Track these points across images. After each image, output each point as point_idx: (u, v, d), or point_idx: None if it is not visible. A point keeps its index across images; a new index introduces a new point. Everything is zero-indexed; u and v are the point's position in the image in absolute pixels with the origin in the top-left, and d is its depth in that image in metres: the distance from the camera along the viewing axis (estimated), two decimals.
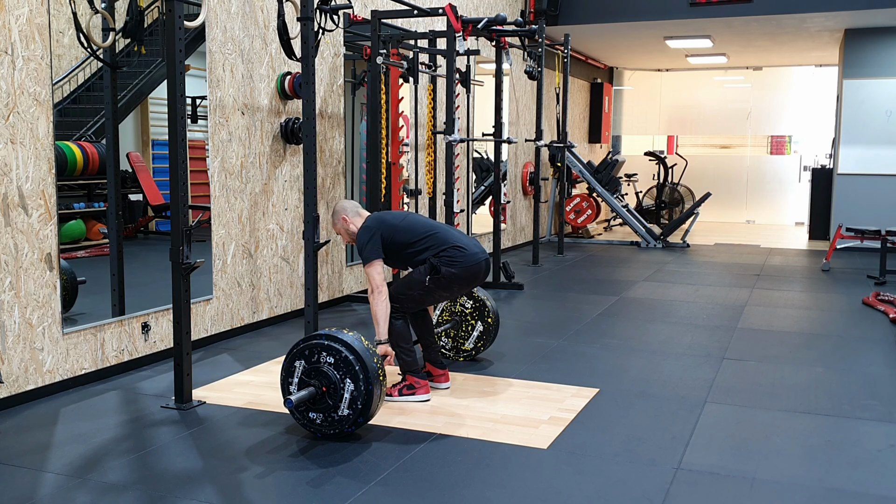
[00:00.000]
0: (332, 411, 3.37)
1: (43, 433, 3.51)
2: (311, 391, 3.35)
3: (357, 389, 3.32)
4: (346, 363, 3.33)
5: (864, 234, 8.15)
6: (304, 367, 3.40)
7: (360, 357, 3.34)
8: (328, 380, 3.35)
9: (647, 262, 9.14)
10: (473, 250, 4.02)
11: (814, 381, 4.39)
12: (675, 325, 5.84)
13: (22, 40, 3.78)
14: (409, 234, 4.00)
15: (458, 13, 5.97)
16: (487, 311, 4.63)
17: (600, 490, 2.97)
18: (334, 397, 3.35)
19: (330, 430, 3.40)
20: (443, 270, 3.93)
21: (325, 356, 3.37)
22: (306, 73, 4.44)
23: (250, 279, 5.41)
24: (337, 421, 3.37)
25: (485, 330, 4.65)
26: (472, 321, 4.65)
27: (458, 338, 4.69)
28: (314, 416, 3.40)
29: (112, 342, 4.36)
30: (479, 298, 4.64)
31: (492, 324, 4.65)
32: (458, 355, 4.71)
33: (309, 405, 3.40)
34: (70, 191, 4.66)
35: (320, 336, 3.41)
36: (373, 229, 3.97)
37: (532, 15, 9.92)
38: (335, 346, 3.36)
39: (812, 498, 2.91)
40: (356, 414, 3.34)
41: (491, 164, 10.08)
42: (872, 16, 9.37)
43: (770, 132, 14.66)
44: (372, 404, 3.35)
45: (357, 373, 3.32)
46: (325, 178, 6.15)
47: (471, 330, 4.66)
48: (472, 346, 4.68)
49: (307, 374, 3.39)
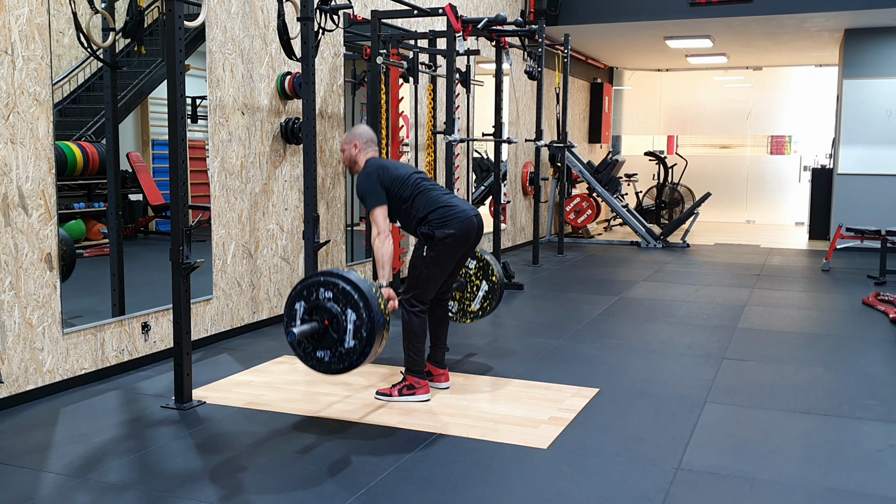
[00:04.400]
0: (338, 345, 3.33)
1: (43, 433, 3.51)
2: (313, 325, 3.32)
3: (360, 318, 3.28)
4: (345, 294, 3.30)
5: (864, 234, 8.15)
6: (304, 307, 3.37)
7: (357, 286, 3.31)
8: (329, 313, 3.32)
9: (647, 262, 9.14)
10: (463, 208, 3.99)
11: (814, 381, 4.39)
12: (675, 325, 5.84)
13: (22, 40, 3.78)
14: (404, 189, 3.95)
15: (458, 13, 5.97)
16: (492, 271, 4.56)
17: (600, 490, 2.97)
18: (338, 330, 3.31)
19: (340, 366, 3.36)
20: (437, 234, 3.89)
21: (322, 292, 3.34)
22: (306, 73, 4.44)
23: (250, 279, 5.41)
24: (345, 354, 3.33)
25: (490, 289, 4.58)
26: (476, 281, 4.58)
27: (464, 299, 4.63)
28: (321, 354, 3.37)
29: (112, 342, 4.36)
30: (482, 258, 4.57)
31: (497, 283, 4.56)
32: (465, 317, 4.66)
33: (314, 344, 3.36)
34: (70, 191, 4.66)
35: (316, 275, 3.39)
36: (373, 176, 3.91)
37: (532, 15, 9.92)
38: (332, 280, 3.34)
39: (812, 498, 2.91)
40: (362, 343, 3.30)
41: (491, 164, 10.07)
42: (872, 16, 9.37)
43: (770, 132, 14.67)
44: (376, 331, 3.30)
45: (357, 301, 3.28)
46: (325, 178, 6.15)
47: (476, 290, 4.60)
48: (478, 307, 4.62)
49: (308, 313, 3.36)
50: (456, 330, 5.42)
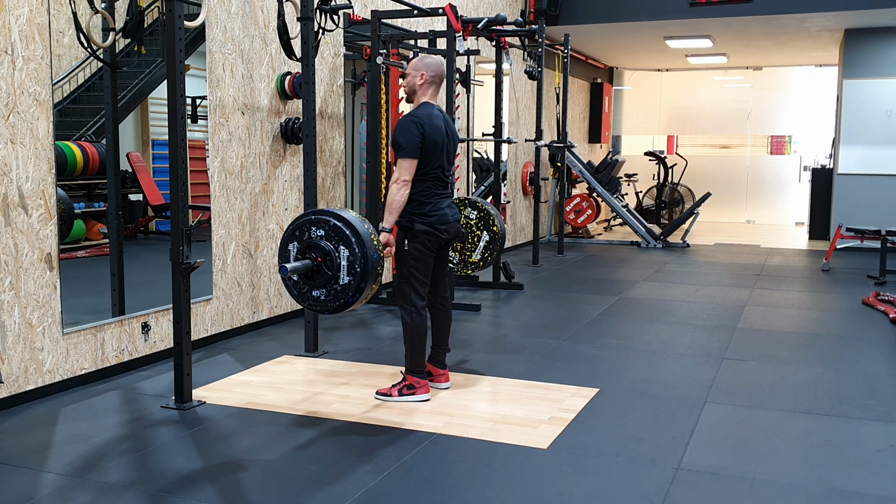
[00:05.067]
0: (332, 283, 3.33)
1: (43, 433, 3.51)
2: (306, 263, 3.32)
3: (353, 254, 3.28)
4: (337, 231, 3.30)
5: (864, 234, 8.15)
6: (296, 247, 3.37)
7: (348, 223, 3.31)
8: (322, 251, 3.32)
9: (647, 262, 9.14)
10: (445, 211, 3.96)
11: (814, 381, 4.39)
12: (675, 325, 5.84)
13: (22, 40, 3.78)
14: (427, 161, 3.86)
15: (458, 13, 5.97)
16: (492, 220, 4.52)
17: (600, 490, 2.97)
18: (331, 266, 3.31)
19: (335, 303, 3.36)
20: (415, 226, 3.88)
21: (314, 230, 3.34)
22: (306, 73, 4.44)
23: (250, 279, 5.41)
24: (340, 291, 3.33)
25: (491, 239, 4.55)
26: (477, 231, 4.55)
27: (465, 250, 4.59)
28: (317, 293, 3.37)
29: (112, 342, 4.36)
30: (482, 208, 4.51)
31: (497, 232, 4.53)
32: (466, 268, 4.62)
33: (310, 283, 3.36)
34: (70, 191, 4.66)
35: (307, 215, 3.39)
36: (419, 130, 3.79)
37: (532, 15, 9.92)
38: (323, 217, 3.33)
39: (812, 498, 2.91)
40: (357, 279, 3.30)
41: (491, 164, 10.07)
42: (872, 16, 9.38)
43: (770, 132, 14.67)
44: (370, 268, 3.29)
45: (349, 237, 3.28)
46: (325, 178, 6.16)
47: (477, 241, 4.57)
48: (479, 258, 4.59)
49: (301, 253, 3.36)
50: (456, 330, 5.42)
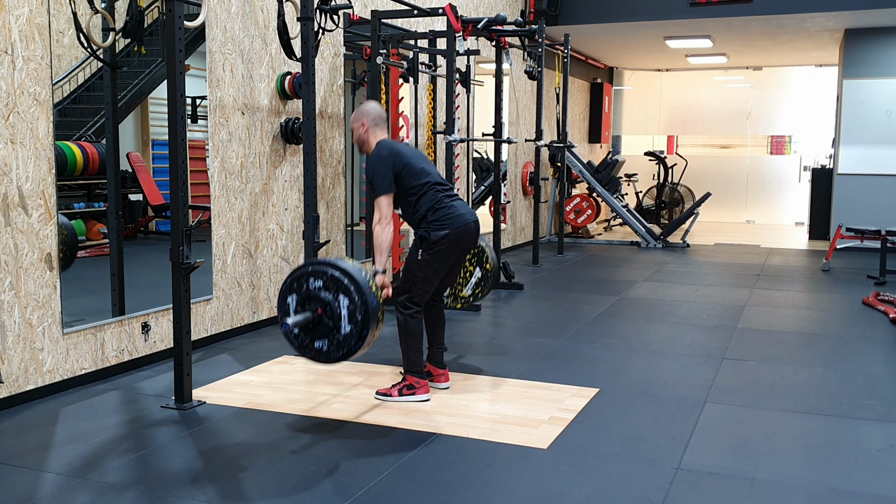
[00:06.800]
0: (334, 332, 3.32)
1: (43, 433, 3.51)
2: (307, 315, 3.31)
3: (352, 302, 3.27)
4: (335, 280, 3.30)
5: (864, 234, 8.14)
6: (295, 299, 3.36)
7: (346, 272, 3.30)
8: (321, 301, 3.31)
9: (647, 262, 9.14)
10: (461, 211, 3.97)
11: (814, 381, 4.39)
12: (675, 325, 5.84)
13: (22, 40, 3.78)
14: (413, 179, 3.90)
15: (458, 13, 5.97)
16: (486, 258, 4.57)
17: (600, 490, 2.97)
18: (332, 317, 3.30)
19: (338, 353, 3.34)
20: (432, 236, 3.88)
21: (312, 281, 3.33)
22: (306, 73, 4.44)
23: (250, 279, 5.41)
24: (343, 340, 3.32)
25: (483, 276, 4.59)
26: (470, 267, 4.59)
27: (457, 284, 4.64)
28: (320, 344, 3.35)
29: (112, 342, 4.36)
30: (477, 245, 4.57)
31: (490, 270, 4.57)
32: (456, 302, 4.66)
33: (311, 334, 3.35)
34: (70, 191, 4.66)
35: (304, 266, 3.39)
36: (388, 161, 3.85)
37: (532, 15, 9.91)
38: (320, 268, 3.33)
39: (812, 498, 2.91)
40: (359, 327, 3.29)
41: (491, 164, 10.07)
42: (872, 16, 9.37)
43: (770, 132, 14.67)
44: (371, 315, 3.28)
45: (347, 286, 3.28)
46: (325, 178, 6.16)
47: (469, 276, 4.61)
48: (469, 293, 4.62)
49: (301, 305, 3.35)
50: (456, 330, 5.43)
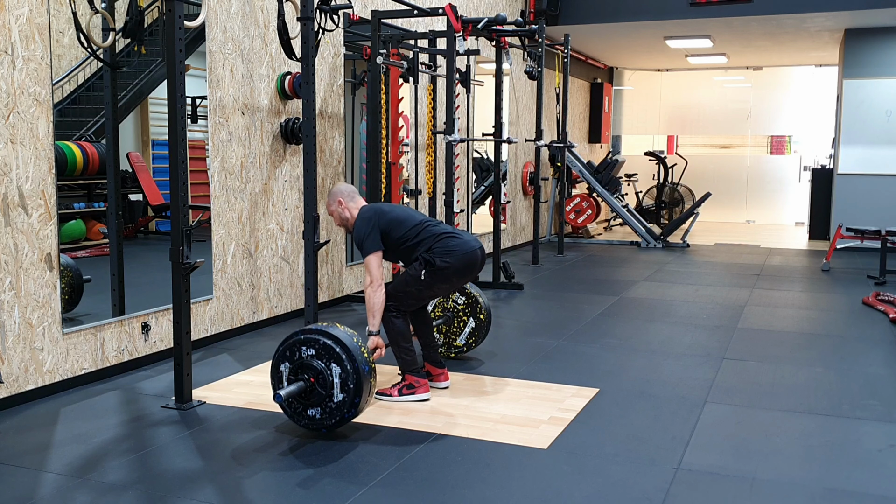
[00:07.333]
0: (327, 401, 3.37)
1: (43, 433, 3.51)
2: (300, 385, 3.36)
3: (344, 371, 3.33)
4: (327, 349, 3.35)
5: (864, 234, 8.14)
6: (288, 367, 3.42)
7: (338, 340, 3.36)
8: (313, 370, 3.36)
9: (647, 262, 9.14)
10: (466, 238, 4.03)
11: (814, 381, 4.39)
12: (675, 325, 5.84)
13: (22, 40, 3.78)
14: (403, 227, 3.98)
15: (458, 13, 5.97)
16: (480, 308, 4.63)
17: (600, 490, 2.97)
18: (325, 385, 3.35)
19: (331, 421, 3.39)
20: (437, 262, 3.91)
21: (304, 350, 3.39)
22: (306, 73, 4.44)
23: (250, 279, 5.41)
24: (335, 409, 3.36)
25: (477, 326, 4.66)
26: (464, 317, 4.65)
27: (450, 333, 4.70)
28: (312, 412, 3.41)
29: (112, 342, 4.36)
30: (471, 295, 4.65)
31: (484, 320, 4.65)
32: (450, 351, 4.72)
33: (304, 402, 3.40)
34: (70, 191, 4.66)
35: (296, 334, 3.44)
36: (372, 220, 3.94)
37: (532, 15, 9.91)
38: (312, 337, 3.39)
39: (812, 498, 2.91)
40: (351, 395, 3.34)
41: (491, 164, 10.07)
42: (872, 16, 9.37)
43: (770, 132, 14.67)
44: (363, 382, 3.34)
45: (339, 355, 3.33)
46: (325, 178, 6.15)
47: (463, 326, 4.66)
48: (463, 343, 4.69)
49: (293, 373, 3.41)
50: None
